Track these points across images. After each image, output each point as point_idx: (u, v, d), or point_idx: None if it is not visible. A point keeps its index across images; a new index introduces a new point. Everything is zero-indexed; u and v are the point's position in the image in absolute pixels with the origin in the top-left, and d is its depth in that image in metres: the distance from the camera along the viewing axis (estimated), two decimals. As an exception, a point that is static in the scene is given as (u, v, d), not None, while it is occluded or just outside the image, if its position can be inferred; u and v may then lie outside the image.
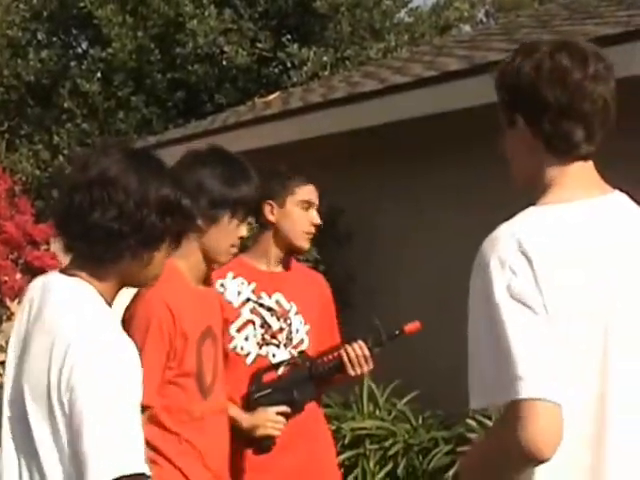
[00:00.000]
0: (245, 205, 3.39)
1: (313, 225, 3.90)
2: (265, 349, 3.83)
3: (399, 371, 6.52)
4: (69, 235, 2.43)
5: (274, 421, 3.70)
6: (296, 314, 3.90)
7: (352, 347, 3.75)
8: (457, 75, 6.81)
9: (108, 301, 2.40)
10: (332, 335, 3.98)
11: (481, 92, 4.56)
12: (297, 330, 3.89)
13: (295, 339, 3.88)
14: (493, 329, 2.05)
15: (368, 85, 8.26)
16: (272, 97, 11.11)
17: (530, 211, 2.18)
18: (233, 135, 9.08)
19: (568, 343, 2.06)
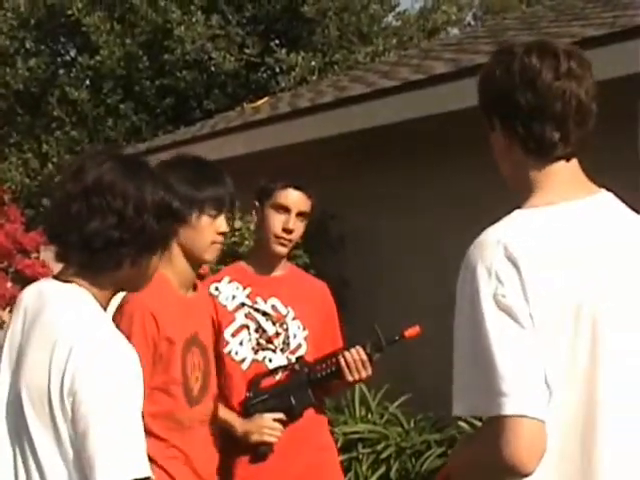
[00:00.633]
0: (213, 202, 3.40)
1: (284, 230, 3.76)
2: (261, 354, 3.78)
3: (390, 375, 6.52)
4: (66, 245, 2.37)
5: (270, 428, 3.66)
6: (293, 319, 3.84)
7: (350, 353, 3.68)
8: (444, 78, 6.82)
9: (103, 306, 2.39)
10: (335, 345, 3.87)
11: (468, 95, 4.57)
12: (294, 335, 3.82)
13: (292, 344, 3.81)
14: (478, 340, 2.04)
15: (356, 89, 8.26)
16: (261, 102, 11.11)
17: (515, 215, 2.16)
18: (222, 141, 9.09)
19: (556, 348, 2.05)
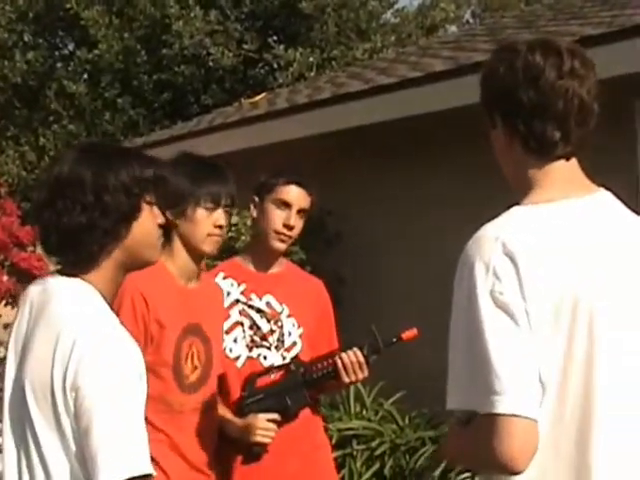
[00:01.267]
0: (209, 196, 3.48)
1: (285, 226, 3.74)
2: (255, 351, 3.76)
3: (385, 371, 6.53)
4: (54, 251, 2.44)
5: (264, 429, 3.62)
6: (288, 316, 3.82)
7: (347, 354, 3.64)
8: (442, 76, 6.82)
9: (108, 299, 2.42)
10: (330, 343, 3.87)
11: (466, 93, 4.57)
12: (289, 333, 3.81)
13: (287, 342, 3.80)
14: (474, 337, 2.04)
15: (354, 86, 8.26)
16: (258, 98, 11.10)
17: (514, 211, 2.16)
18: (220, 136, 9.08)
19: (552, 345, 2.05)
